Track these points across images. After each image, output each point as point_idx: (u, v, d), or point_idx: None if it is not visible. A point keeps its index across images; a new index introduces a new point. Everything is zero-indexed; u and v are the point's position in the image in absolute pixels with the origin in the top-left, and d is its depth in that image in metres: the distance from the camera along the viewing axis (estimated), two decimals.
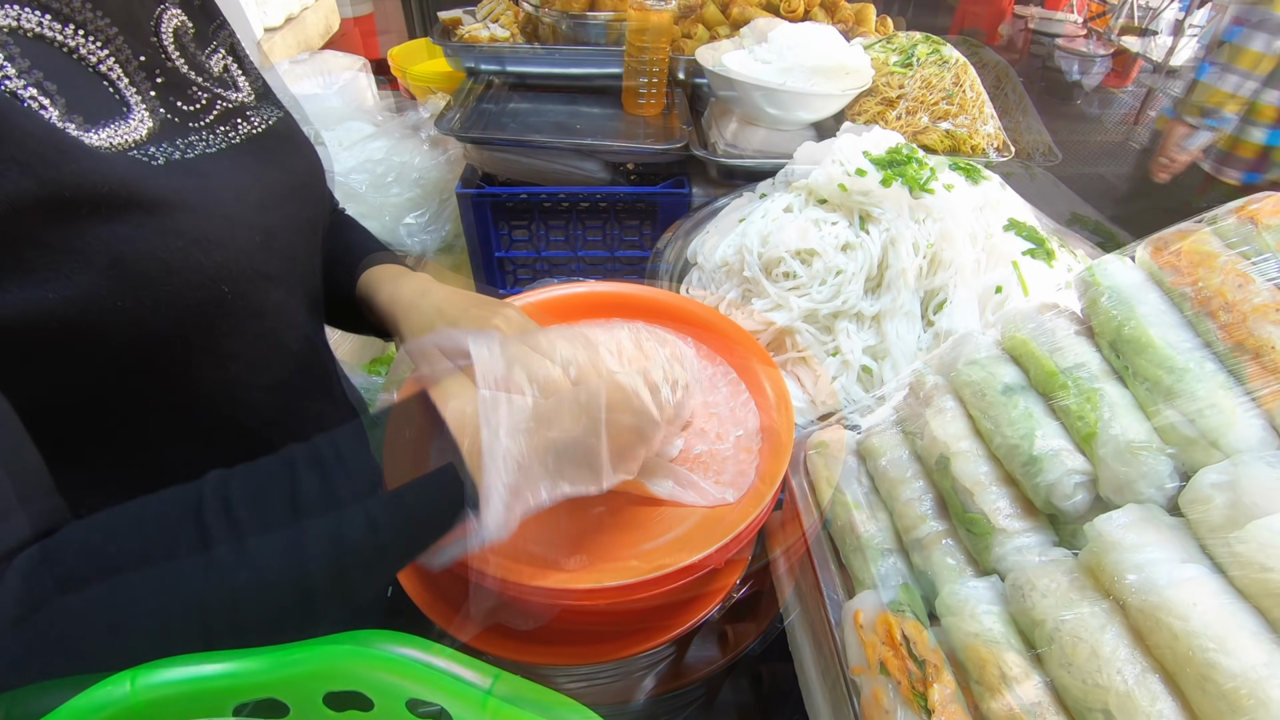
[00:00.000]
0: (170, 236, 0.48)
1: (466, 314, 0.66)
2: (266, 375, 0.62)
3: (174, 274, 0.49)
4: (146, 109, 0.53)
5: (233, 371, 0.58)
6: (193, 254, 0.50)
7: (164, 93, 0.55)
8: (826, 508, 0.69)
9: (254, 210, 0.57)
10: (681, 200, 1.43)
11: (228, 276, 0.53)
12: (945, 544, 0.60)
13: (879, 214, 0.86)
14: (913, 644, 0.52)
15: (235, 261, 0.54)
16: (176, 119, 0.55)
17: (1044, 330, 0.60)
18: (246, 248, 0.55)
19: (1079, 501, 0.53)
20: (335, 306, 0.76)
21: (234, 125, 0.60)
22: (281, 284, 0.61)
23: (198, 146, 0.55)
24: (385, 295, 0.70)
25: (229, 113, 0.60)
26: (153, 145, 0.51)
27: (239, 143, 0.59)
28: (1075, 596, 0.47)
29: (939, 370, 0.68)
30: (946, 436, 0.61)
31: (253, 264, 0.56)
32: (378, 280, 0.72)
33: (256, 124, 0.62)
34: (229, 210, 0.53)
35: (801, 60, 1.25)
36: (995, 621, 0.51)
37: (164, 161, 0.51)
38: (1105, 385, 0.54)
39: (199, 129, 0.56)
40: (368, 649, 0.36)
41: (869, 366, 0.89)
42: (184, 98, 0.56)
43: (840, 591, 0.63)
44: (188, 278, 0.50)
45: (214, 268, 0.52)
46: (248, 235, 0.55)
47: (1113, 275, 0.57)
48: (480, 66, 1.63)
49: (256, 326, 0.59)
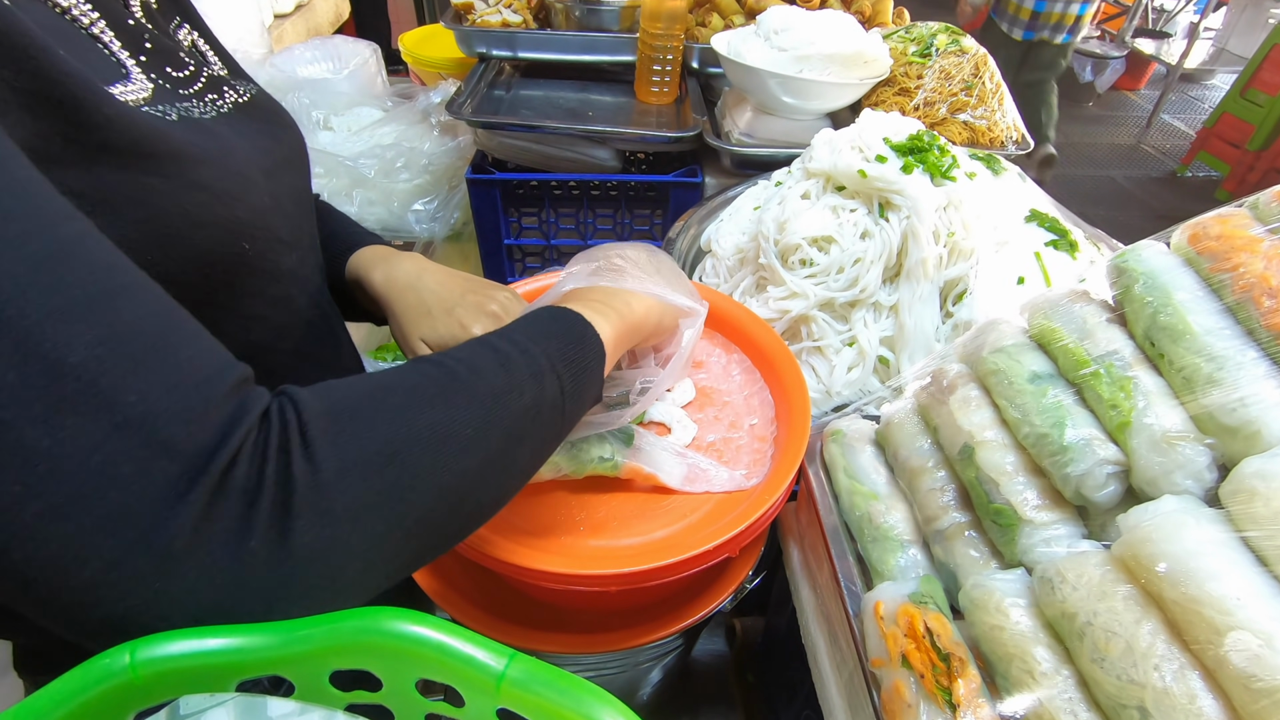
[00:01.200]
0: (194, 190, 0.48)
1: (463, 299, 0.65)
2: (288, 339, 0.62)
3: (199, 227, 0.48)
4: (141, 73, 0.51)
5: (256, 334, 0.58)
6: (215, 208, 0.49)
7: (154, 59, 0.53)
8: (844, 497, 0.67)
9: (260, 174, 0.56)
10: (694, 189, 1.41)
11: (248, 234, 0.53)
12: (968, 535, 0.58)
13: (899, 201, 0.85)
14: (936, 636, 0.50)
15: (253, 219, 0.53)
16: (169, 85, 0.54)
17: (1073, 318, 0.59)
18: (260, 208, 0.55)
19: (1111, 492, 0.51)
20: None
21: (221, 93, 0.58)
22: (294, 248, 0.61)
23: (194, 111, 0.54)
24: (380, 277, 0.68)
25: (214, 82, 0.58)
26: (160, 104, 0.50)
27: (229, 111, 0.58)
28: (1108, 589, 0.45)
29: (962, 358, 0.66)
30: (971, 425, 0.59)
31: (268, 224, 0.56)
32: (369, 262, 0.70)
33: (241, 93, 0.61)
34: (243, 168, 0.53)
35: (819, 49, 1.23)
36: (1022, 615, 0.49)
37: (177, 118, 0.50)
38: (1139, 373, 0.52)
39: (189, 96, 0.55)
40: (378, 624, 0.35)
41: (886, 357, 0.87)
42: (173, 64, 0.55)
43: (858, 582, 0.61)
44: (212, 232, 0.49)
45: (235, 223, 0.51)
46: (260, 196, 0.55)
47: (1147, 261, 0.56)
48: (492, 52, 1.61)
49: (275, 289, 0.59)
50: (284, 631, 0.34)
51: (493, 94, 1.58)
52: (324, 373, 0.68)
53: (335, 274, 0.72)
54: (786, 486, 0.64)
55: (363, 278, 0.70)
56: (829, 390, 0.87)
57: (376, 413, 0.39)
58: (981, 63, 1.29)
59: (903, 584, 0.55)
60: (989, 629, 0.50)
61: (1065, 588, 0.47)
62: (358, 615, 0.35)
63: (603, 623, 0.69)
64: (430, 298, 0.65)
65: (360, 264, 0.71)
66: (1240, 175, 3.86)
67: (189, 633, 0.33)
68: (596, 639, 0.67)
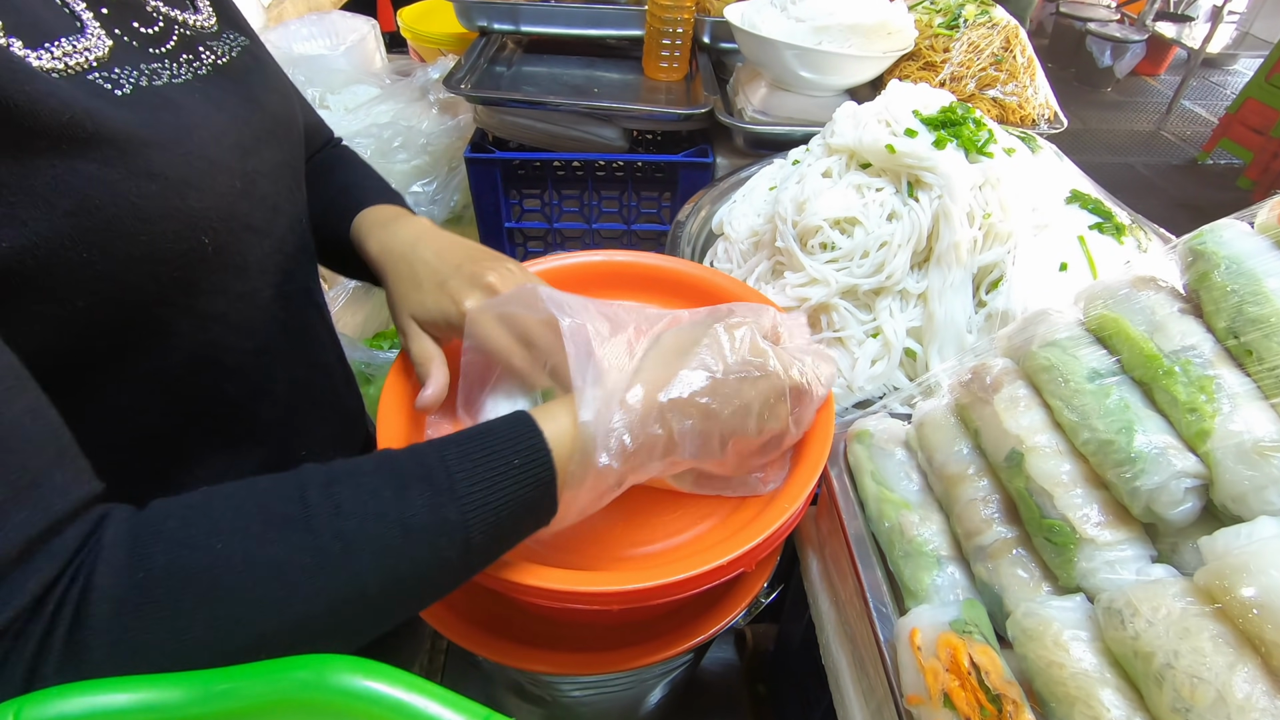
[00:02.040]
0: (143, 179, 0.41)
1: (458, 270, 0.57)
2: (252, 339, 0.55)
3: (148, 222, 0.42)
4: (101, 27, 0.44)
5: (215, 333, 0.51)
6: (168, 199, 0.43)
7: (117, 11, 0.46)
8: (871, 505, 0.61)
9: (231, 151, 0.49)
10: (705, 169, 1.34)
11: (208, 226, 0.46)
12: (1016, 553, 0.51)
13: (930, 179, 0.77)
14: (985, 674, 0.43)
15: (216, 209, 0.47)
16: (135, 42, 0.47)
17: (1140, 308, 0.52)
18: (227, 194, 0.48)
19: (1188, 509, 0.45)
20: (330, 251, 0.68)
21: (196, 54, 0.51)
22: (266, 236, 0.54)
23: (162, 75, 0.47)
24: (376, 243, 0.62)
25: (189, 40, 0.51)
26: (117, 67, 0.43)
27: (205, 74, 0.51)
28: (1192, 626, 0.39)
29: (1006, 353, 0.59)
30: (1020, 429, 0.52)
31: (233, 212, 0.49)
32: (370, 225, 0.63)
33: (220, 53, 0.53)
34: (207, 149, 0.46)
35: (839, 19, 1.15)
36: (1085, 651, 0.43)
37: (130, 89, 0.43)
38: (1222, 372, 0.46)
39: (160, 55, 0.48)
40: (324, 677, 0.28)
41: (913, 350, 0.81)
42: (140, 18, 0.48)
43: (888, 602, 0.55)
44: (163, 226, 0.43)
45: (193, 215, 0.45)
46: (227, 180, 0.48)
47: (1230, 243, 0.48)
48: (493, 25, 1.53)
49: (240, 284, 0.52)
50: (205, 684, 0.28)
51: (494, 69, 1.50)
52: (295, 369, 0.62)
53: (342, 230, 0.65)
54: (808, 494, 0.57)
55: (361, 241, 0.63)
56: (851, 385, 0.80)
57: (190, 599, 0.33)
58: (1013, 35, 1.21)
59: (942, 608, 0.49)
60: (1045, 665, 0.43)
61: (1138, 622, 0.41)
62: (301, 665, 0.29)
63: (606, 640, 0.62)
64: (422, 269, 0.58)
65: (360, 228, 0.64)
66: (1264, 163, 3.74)
67: (87, 686, 0.27)
68: (599, 658, 0.61)
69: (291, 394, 0.61)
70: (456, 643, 0.61)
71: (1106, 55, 4.94)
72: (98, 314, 0.43)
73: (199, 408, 0.53)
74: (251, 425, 0.58)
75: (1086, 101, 4.83)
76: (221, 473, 0.59)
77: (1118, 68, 4.98)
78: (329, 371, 0.67)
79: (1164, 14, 5.15)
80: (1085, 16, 5.04)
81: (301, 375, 0.63)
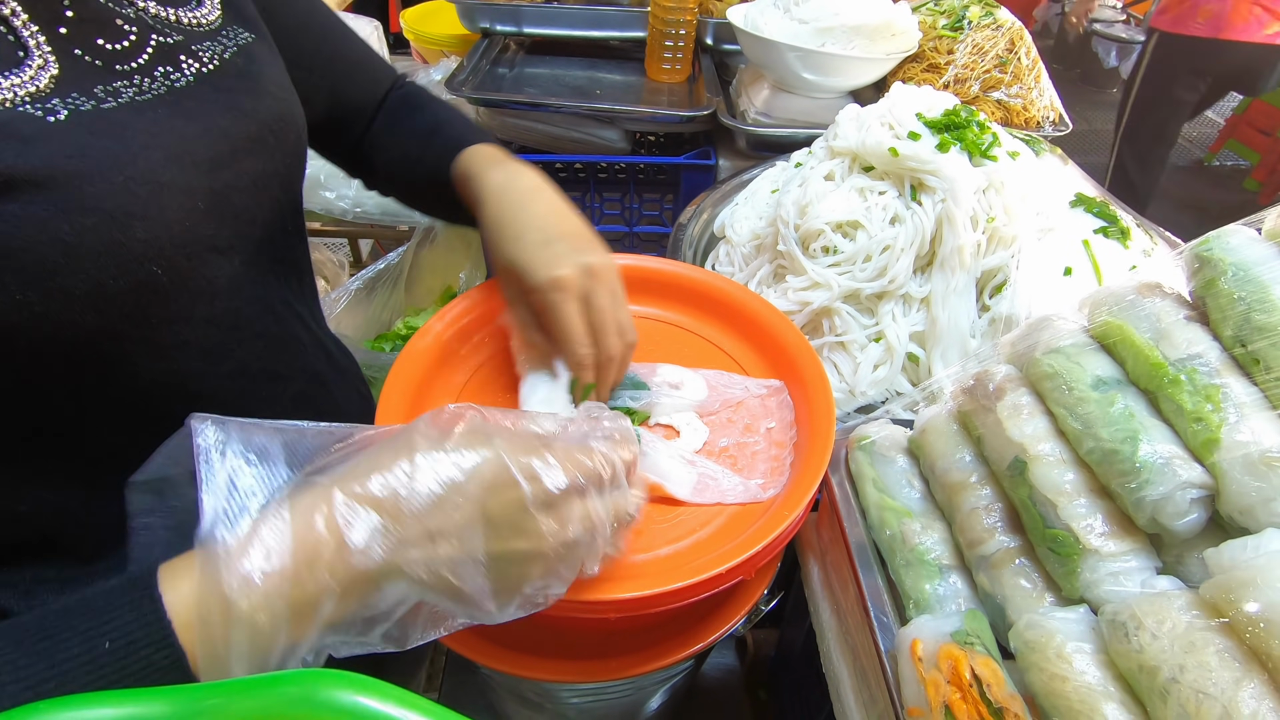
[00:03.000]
0: (74, 214, 0.39)
1: (566, 238, 0.56)
2: (227, 362, 0.53)
3: (84, 259, 0.40)
4: (52, 51, 0.42)
5: (181, 363, 0.49)
6: (105, 233, 0.40)
7: (78, 29, 0.44)
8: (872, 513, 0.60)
9: (196, 170, 0.47)
10: (707, 171, 1.33)
11: (158, 255, 0.44)
12: (1019, 563, 0.51)
13: (934, 183, 0.77)
14: (986, 686, 0.43)
15: (168, 235, 0.44)
16: (98, 60, 0.45)
17: (1144, 315, 0.51)
18: (183, 218, 0.45)
19: (1193, 520, 0.44)
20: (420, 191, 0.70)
21: (176, 63, 0.48)
22: (236, 254, 0.52)
23: (125, 93, 0.45)
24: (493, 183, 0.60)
25: (167, 50, 0.49)
26: (56, 97, 0.41)
27: (183, 85, 0.48)
28: (1198, 640, 0.38)
29: (1010, 359, 0.58)
30: (1023, 437, 0.51)
31: (194, 236, 0.47)
32: (482, 163, 0.62)
33: (207, 59, 0.51)
34: (157, 173, 0.44)
35: (843, 20, 1.15)
36: (1088, 664, 0.42)
37: (67, 115, 0.41)
38: (1228, 380, 0.45)
39: (129, 72, 0.46)
40: (317, 696, 0.28)
41: (915, 354, 0.80)
42: (106, 33, 0.46)
43: (889, 612, 0.54)
44: (102, 262, 0.41)
45: (138, 247, 0.42)
46: (185, 201, 0.46)
47: (1237, 250, 0.48)
48: (495, 26, 1.53)
49: (207, 309, 0.50)
50: (192, 699, 0.27)
51: (496, 71, 1.50)
52: (281, 385, 0.60)
53: (439, 173, 0.65)
54: (808, 501, 0.57)
55: (466, 181, 0.62)
56: (853, 390, 0.80)
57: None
58: (1017, 37, 1.20)
59: (943, 619, 0.48)
60: (1048, 678, 0.43)
61: (1143, 635, 0.40)
62: (290, 680, 0.28)
63: (606, 647, 0.62)
64: (532, 221, 0.57)
65: (470, 166, 0.62)
66: (1271, 164, 3.72)
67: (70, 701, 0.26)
68: (599, 666, 0.61)
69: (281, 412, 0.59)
70: (456, 651, 0.61)
71: (1112, 56, 4.91)
72: (47, 350, 0.41)
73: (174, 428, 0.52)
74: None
75: (1092, 102, 4.81)
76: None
77: (1123, 68, 4.96)
78: (323, 380, 0.65)
79: None
80: (1091, 17, 5.01)
81: (289, 390, 0.61)
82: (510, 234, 0.56)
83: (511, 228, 0.56)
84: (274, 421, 0.38)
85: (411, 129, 0.70)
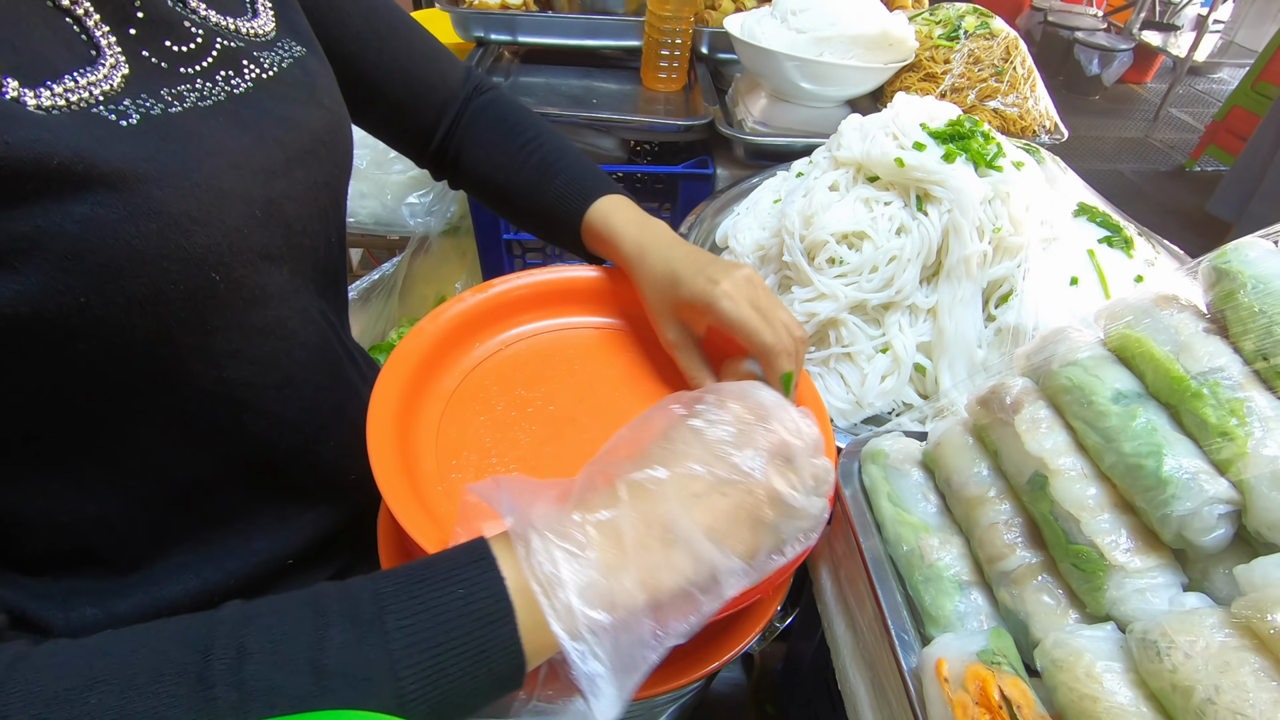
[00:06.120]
0: (141, 218, 0.39)
1: (712, 263, 0.60)
2: (275, 372, 0.53)
3: (147, 263, 0.40)
4: (122, 51, 0.43)
5: (231, 371, 0.49)
6: (170, 237, 0.41)
7: (147, 30, 0.45)
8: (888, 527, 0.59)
9: (253, 178, 0.47)
10: (705, 180, 1.33)
11: (217, 261, 0.44)
12: (1041, 580, 0.50)
13: (940, 193, 0.77)
14: (1017, 708, 0.42)
15: (227, 242, 0.45)
16: (164, 63, 0.45)
17: (1163, 327, 0.51)
18: (241, 225, 0.46)
19: (1221, 536, 0.44)
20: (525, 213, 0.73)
21: (238, 69, 0.49)
22: (286, 263, 0.52)
23: (188, 97, 0.45)
24: (632, 240, 0.65)
25: (231, 54, 0.49)
26: (128, 98, 0.42)
27: (242, 92, 0.49)
28: (1233, 660, 0.38)
29: (1025, 372, 0.58)
30: (1042, 452, 0.51)
31: (250, 244, 0.47)
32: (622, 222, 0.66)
33: (267, 66, 0.51)
34: (219, 179, 0.44)
35: (841, 30, 1.15)
36: (1118, 683, 0.42)
37: (139, 120, 0.41)
38: (1252, 394, 0.45)
39: (192, 75, 0.46)
40: None
41: (923, 365, 0.80)
42: (174, 35, 0.46)
43: (910, 629, 0.53)
44: (165, 266, 0.41)
45: (199, 252, 0.43)
46: (243, 209, 0.46)
47: (1255, 263, 0.48)
48: (490, 36, 1.52)
49: (259, 318, 0.50)
50: None
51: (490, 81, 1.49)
52: (323, 396, 0.59)
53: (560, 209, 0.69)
54: None
55: (617, 236, 0.66)
56: (860, 401, 0.79)
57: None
58: (1013, 46, 1.21)
59: (969, 638, 0.48)
60: (1078, 698, 0.42)
61: (1176, 654, 0.39)
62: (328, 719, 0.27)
63: None
64: (682, 264, 0.61)
65: (614, 221, 0.66)
66: None
67: None
68: None
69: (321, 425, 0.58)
70: None
71: (1094, 63, 4.99)
72: (101, 354, 0.41)
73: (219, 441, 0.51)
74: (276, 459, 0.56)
75: (1075, 109, 4.87)
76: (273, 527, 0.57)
77: (1105, 76, 5.03)
78: (356, 390, 0.64)
79: (1150, 23, 5.21)
80: (1073, 25, 5.09)
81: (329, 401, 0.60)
82: (666, 281, 0.61)
83: (665, 276, 0.61)
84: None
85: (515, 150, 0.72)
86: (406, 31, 0.70)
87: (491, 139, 0.73)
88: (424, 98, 0.72)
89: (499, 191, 0.74)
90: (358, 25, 0.65)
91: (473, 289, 0.69)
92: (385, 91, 0.69)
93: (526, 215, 0.74)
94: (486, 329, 0.69)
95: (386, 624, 0.33)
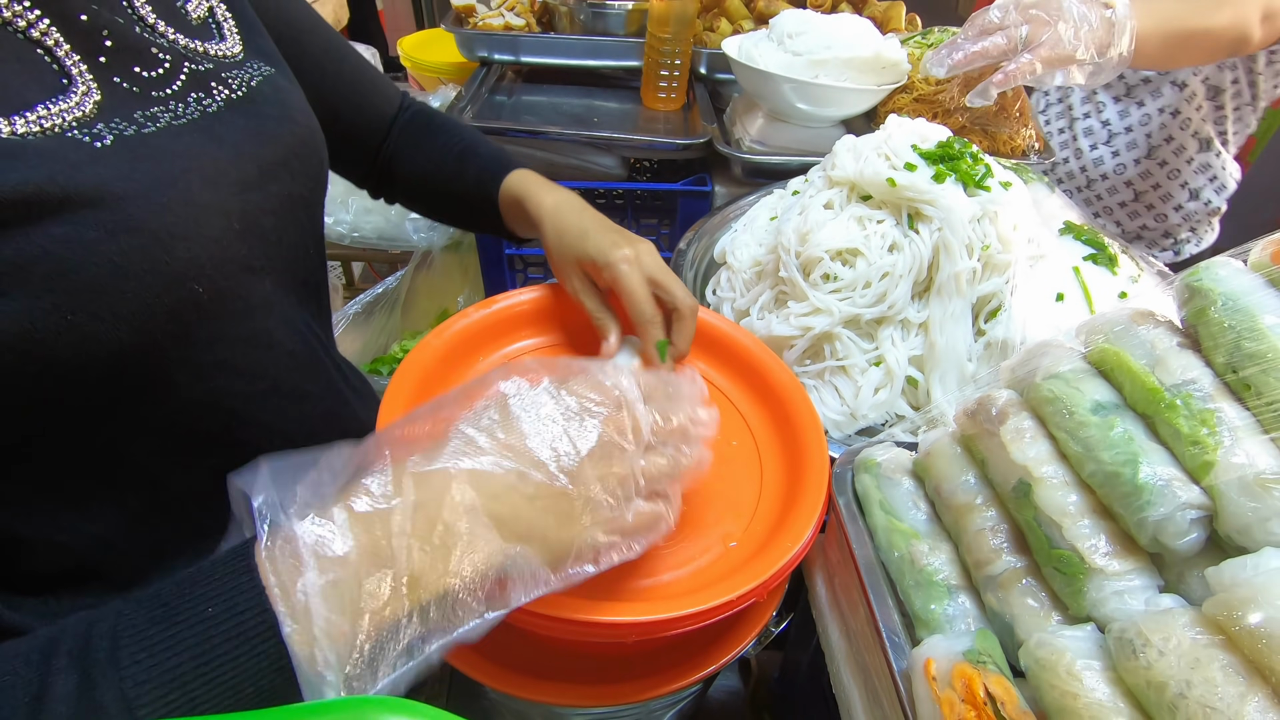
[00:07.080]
0: (121, 235, 0.41)
1: (618, 231, 0.68)
2: (260, 381, 0.55)
3: (130, 279, 0.41)
4: (94, 79, 0.45)
5: (219, 382, 0.51)
6: (151, 252, 0.42)
7: (117, 58, 0.46)
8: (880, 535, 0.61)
9: (228, 191, 0.49)
10: (704, 198, 1.36)
11: (199, 274, 0.46)
12: (1025, 583, 0.52)
13: (930, 212, 0.79)
14: (1000, 704, 0.44)
15: (207, 255, 0.46)
16: (135, 88, 0.47)
17: (1139, 341, 0.53)
18: (220, 237, 0.47)
19: (1193, 540, 0.46)
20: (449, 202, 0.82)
21: (208, 90, 0.51)
22: (268, 274, 0.54)
23: (161, 118, 0.47)
24: (550, 202, 0.71)
25: (200, 76, 0.51)
26: (101, 122, 0.43)
27: (214, 111, 0.51)
28: (1203, 656, 0.40)
29: (1010, 384, 0.60)
30: (1026, 460, 0.53)
31: (230, 256, 0.49)
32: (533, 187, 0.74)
33: (236, 86, 0.53)
34: (195, 194, 0.46)
35: (835, 52, 1.18)
36: (1098, 680, 0.44)
37: (113, 140, 0.43)
38: (1222, 405, 0.47)
39: (164, 98, 0.48)
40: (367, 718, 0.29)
41: (915, 378, 0.82)
42: (143, 61, 0.48)
43: (901, 632, 0.55)
44: (147, 281, 0.42)
45: (180, 265, 0.44)
46: (221, 223, 0.48)
47: (1225, 281, 0.50)
48: (493, 56, 1.56)
49: (244, 329, 0.52)
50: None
51: (494, 99, 1.53)
52: (308, 405, 0.62)
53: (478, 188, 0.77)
54: (817, 522, 0.58)
55: (530, 198, 0.72)
56: (854, 413, 0.82)
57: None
58: None
59: (956, 639, 0.50)
60: (1059, 695, 0.44)
61: (1150, 652, 0.42)
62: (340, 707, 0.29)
63: (615, 671, 0.63)
64: (591, 224, 0.68)
65: (521, 189, 0.74)
66: None
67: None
68: (609, 690, 0.61)
69: (308, 430, 0.60)
70: (464, 672, 0.61)
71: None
72: (90, 370, 0.42)
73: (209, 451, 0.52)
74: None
75: None
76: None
77: None
78: (344, 398, 0.67)
79: None
80: None
81: (316, 408, 0.62)
82: (576, 234, 0.67)
83: (576, 230, 0.67)
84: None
85: (440, 147, 0.79)
86: (355, 60, 0.76)
87: (418, 143, 0.80)
88: (372, 120, 0.79)
89: (425, 185, 0.81)
90: (316, 54, 0.70)
91: (477, 304, 0.71)
92: (340, 114, 0.74)
93: (451, 203, 0.82)
94: (490, 343, 0.71)
95: (120, 661, 0.30)
